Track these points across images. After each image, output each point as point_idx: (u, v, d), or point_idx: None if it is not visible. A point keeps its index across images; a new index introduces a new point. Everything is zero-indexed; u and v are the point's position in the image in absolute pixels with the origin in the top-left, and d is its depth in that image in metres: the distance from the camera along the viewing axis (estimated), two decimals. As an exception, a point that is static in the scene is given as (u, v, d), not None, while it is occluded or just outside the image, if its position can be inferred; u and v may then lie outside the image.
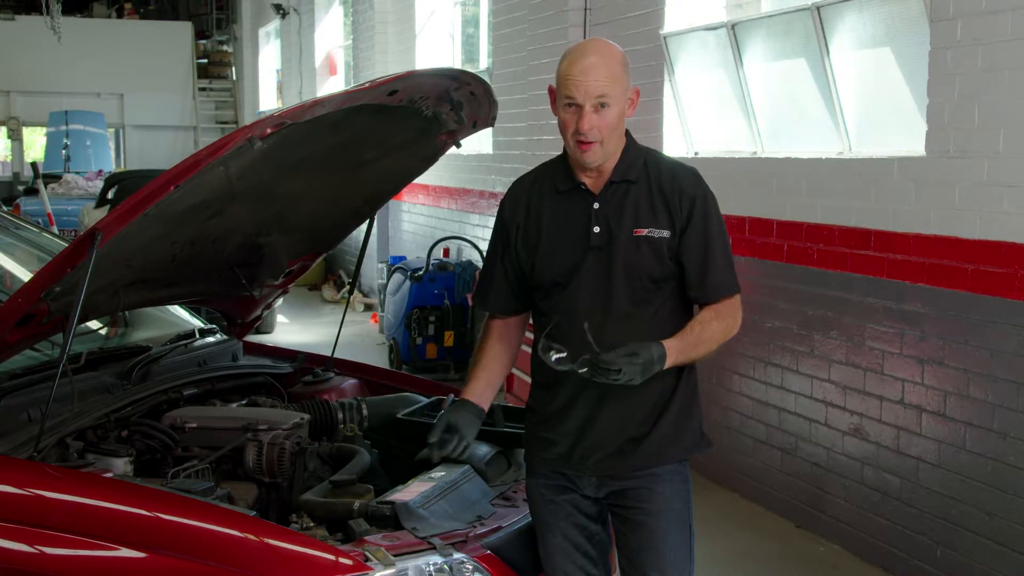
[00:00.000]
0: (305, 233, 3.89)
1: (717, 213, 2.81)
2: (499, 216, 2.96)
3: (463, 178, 10.07)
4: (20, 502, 2.71)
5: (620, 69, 2.71)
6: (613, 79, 2.67)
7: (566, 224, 2.80)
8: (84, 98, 21.46)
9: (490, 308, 2.98)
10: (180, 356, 3.83)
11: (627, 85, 2.73)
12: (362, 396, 4.00)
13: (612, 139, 2.73)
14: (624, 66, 2.73)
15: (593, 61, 2.68)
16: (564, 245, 2.80)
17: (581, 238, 2.77)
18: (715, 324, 2.73)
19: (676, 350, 2.63)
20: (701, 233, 2.75)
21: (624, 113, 2.74)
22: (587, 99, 2.67)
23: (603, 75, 2.67)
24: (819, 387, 5.29)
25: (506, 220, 2.92)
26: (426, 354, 8.94)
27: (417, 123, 3.47)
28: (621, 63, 2.72)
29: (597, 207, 2.78)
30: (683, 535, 2.84)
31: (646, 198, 2.76)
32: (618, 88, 2.68)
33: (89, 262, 2.74)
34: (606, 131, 2.70)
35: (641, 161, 2.80)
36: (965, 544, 4.43)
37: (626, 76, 2.72)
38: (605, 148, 2.73)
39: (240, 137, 2.79)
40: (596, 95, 2.66)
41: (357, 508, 2.88)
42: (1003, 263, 4.20)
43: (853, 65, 5.36)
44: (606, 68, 2.68)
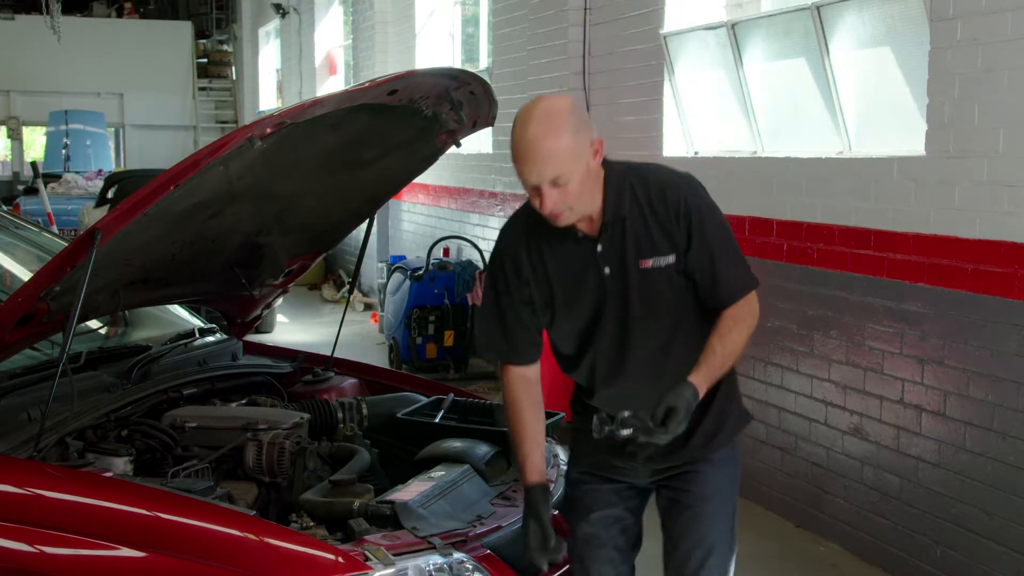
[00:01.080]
0: (305, 233, 3.90)
1: (715, 217, 2.74)
2: (499, 266, 2.83)
3: (463, 178, 10.07)
4: (20, 501, 2.72)
5: (568, 140, 2.52)
6: (563, 157, 2.52)
7: (576, 272, 2.73)
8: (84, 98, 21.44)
9: (514, 360, 2.84)
10: (180, 356, 3.84)
11: (582, 147, 2.56)
12: (362, 396, 4.01)
13: (584, 198, 2.62)
14: (574, 130, 2.54)
15: (537, 145, 2.52)
16: (580, 294, 2.75)
17: (595, 284, 2.72)
18: (734, 334, 2.70)
19: (704, 380, 2.62)
20: (704, 246, 2.69)
21: (589, 170, 2.59)
22: (541, 181, 2.55)
23: (549, 160, 2.52)
24: (819, 387, 5.29)
25: (508, 271, 2.81)
26: (426, 354, 8.94)
27: (417, 123, 3.48)
28: (570, 130, 2.53)
29: (601, 250, 2.70)
30: (728, 519, 2.87)
31: (643, 228, 2.68)
32: (570, 162, 2.53)
33: (89, 262, 2.74)
34: (572, 199, 2.59)
35: (627, 191, 2.68)
36: (965, 544, 4.43)
37: (579, 138, 2.55)
38: (578, 209, 2.63)
39: (240, 137, 2.79)
40: (549, 178, 2.54)
41: (357, 508, 2.89)
42: (1003, 263, 4.20)
43: (853, 65, 5.36)
44: (552, 149, 2.51)
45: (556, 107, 2.58)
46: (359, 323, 11.33)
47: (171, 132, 22.71)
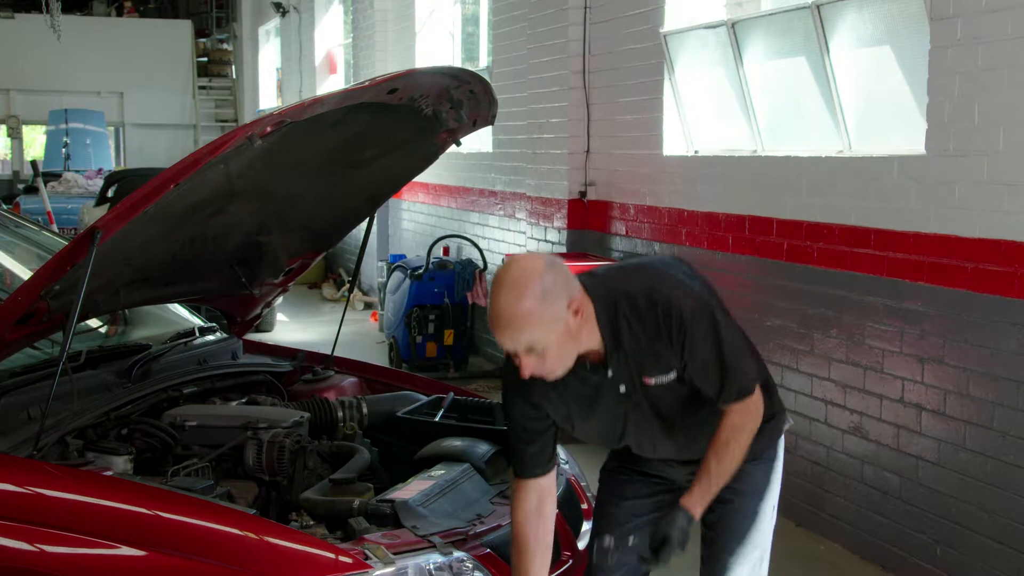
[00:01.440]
0: (305, 231, 3.90)
1: (707, 325, 2.63)
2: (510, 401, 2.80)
3: (463, 176, 10.07)
4: (20, 500, 2.72)
5: (537, 309, 2.45)
6: (533, 327, 2.46)
7: (592, 395, 2.73)
8: (84, 96, 21.45)
9: (525, 475, 2.79)
10: (180, 354, 3.84)
11: (555, 313, 2.48)
12: (362, 394, 4.01)
13: (572, 354, 2.58)
14: (544, 297, 2.46)
15: (505, 315, 2.47)
16: (600, 411, 2.76)
17: (614, 401, 2.72)
18: (732, 446, 2.68)
19: (698, 502, 2.67)
20: (698, 361, 2.64)
21: (569, 329, 2.53)
22: (515, 349, 2.52)
23: (520, 330, 2.47)
24: (819, 385, 5.29)
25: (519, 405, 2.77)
26: (426, 352, 8.94)
27: (417, 122, 3.48)
28: (539, 298, 2.45)
29: (612, 375, 2.68)
30: (764, 518, 2.93)
31: (643, 349, 2.64)
32: (541, 331, 2.47)
33: (89, 260, 2.74)
34: (552, 362, 2.55)
35: (622, 321, 2.62)
36: (965, 542, 4.43)
37: (551, 305, 2.47)
38: (567, 362, 2.59)
39: (240, 135, 2.79)
40: (522, 347, 2.51)
41: (357, 506, 2.89)
42: (1003, 262, 4.20)
43: (853, 63, 5.36)
44: (521, 319, 2.45)
45: (526, 273, 2.49)
46: (359, 322, 11.33)
47: (171, 131, 22.70)
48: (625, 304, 2.63)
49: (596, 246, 7.47)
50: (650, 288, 2.64)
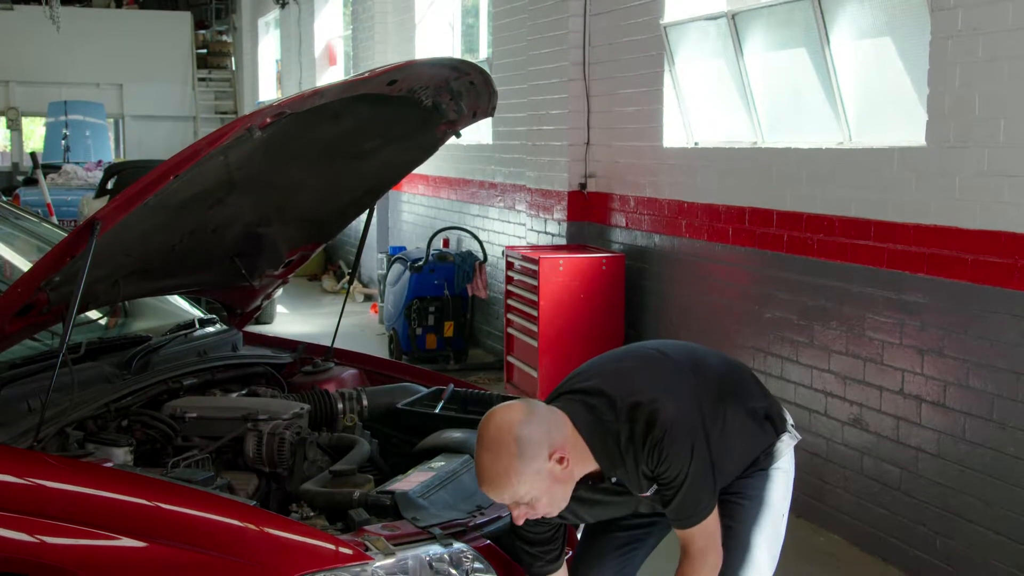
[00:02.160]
0: (305, 223, 3.89)
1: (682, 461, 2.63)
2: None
3: (463, 168, 10.06)
4: (20, 491, 2.71)
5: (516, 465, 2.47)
6: (516, 485, 2.49)
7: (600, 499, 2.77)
8: (83, 88, 21.44)
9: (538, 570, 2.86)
10: (180, 346, 3.83)
11: (537, 469, 2.50)
12: (362, 386, 4.00)
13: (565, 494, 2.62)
14: (524, 455, 2.47)
15: (487, 475, 2.51)
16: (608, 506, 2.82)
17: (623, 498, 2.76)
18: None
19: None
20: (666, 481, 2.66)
21: (555, 477, 2.55)
22: (504, 502, 2.57)
23: (503, 489, 2.51)
24: (819, 377, 5.29)
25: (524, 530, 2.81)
26: (426, 344, 8.95)
27: (417, 113, 3.47)
28: (518, 456, 2.47)
29: (615, 480, 2.72)
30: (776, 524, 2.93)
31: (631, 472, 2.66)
32: (524, 486, 2.50)
33: (89, 252, 2.74)
34: (547, 506, 2.59)
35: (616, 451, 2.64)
36: (964, 534, 4.43)
37: (531, 462, 2.48)
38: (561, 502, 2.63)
39: (239, 127, 2.78)
40: (508, 502, 2.56)
41: (357, 498, 2.89)
42: (1003, 253, 4.19)
43: (853, 55, 5.35)
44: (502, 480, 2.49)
45: (501, 432, 2.50)
46: (359, 314, 11.33)
47: (171, 123, 22.70)
48: (613, 432, 2.63)
49: (596, 238, 7.47)
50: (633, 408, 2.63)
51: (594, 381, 2.76)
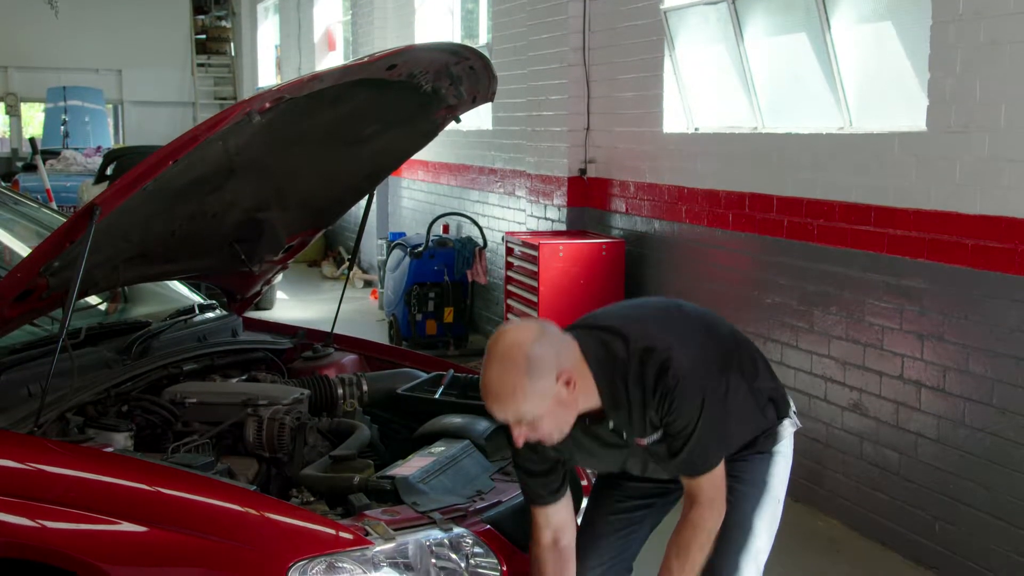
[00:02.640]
0: (304, 209, 3.89)
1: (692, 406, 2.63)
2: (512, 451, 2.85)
3: (463, 154, 10.05)
4: (21, 476, 2.72)
5: (524, 384, 2.47)
6: (521, 401, 2.49)
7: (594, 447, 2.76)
8: (82, 74, 21.39)
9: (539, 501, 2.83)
10: (180, 331, 3.84)
11: (544, 388, 2.50)
12: (362, 372, 4.01)
13: (568, 421, 2.60)
14: (532, 371, 2.47)
15: (493, 389, 2.51)
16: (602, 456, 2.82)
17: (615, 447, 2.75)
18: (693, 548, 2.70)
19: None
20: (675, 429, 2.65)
21: (561, 400, 2.54)
22: (506, 420, 2.56)
23: (507, 404, 2.51)
24: (819, 363, 5.30)
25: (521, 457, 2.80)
26: (426, 330, 8.95)
27: (416, 98, 3.46)
28: (527, 372, 2.47)
29: (613, 426, 2.70)
30: (773, 509, 2.93)
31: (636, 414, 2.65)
32: (530, 404, 2.50)
33: (88, 236, 2.73)
34: (549, 430, 2.58)
35: (620, 387, 2.63)
36: (964, 519, 4.44)
37: (539, 380, 2.48)
38: (565, 431, 2.61)
39: (239, 111, 2.78)
40: (511, 420, 2.54)
41: (357, 483, 2.89)
42: (1003, 238, 4.19)
43: (854, 40, 5.34)
44: (508, 394, 2.49)
45: (512, 348, 2.50)
46: (359, 300, 11.33)
47: (170, 108, 22.65)
48: (622, 369, 2.62)
49: (596, 223, 7.47)
50: (646, 351, 2.63)
51: (610, 321, 2.77)
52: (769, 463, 2.92)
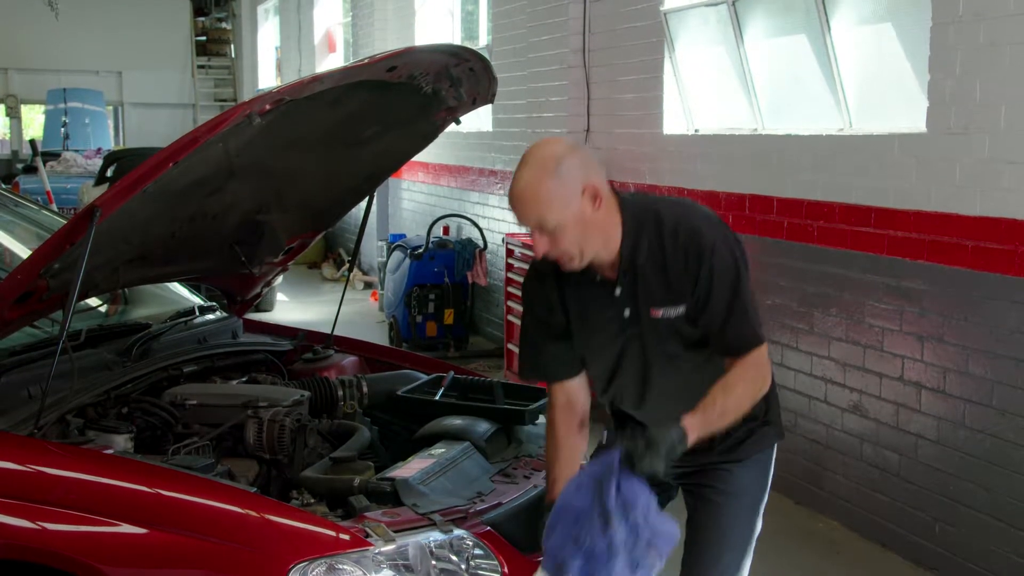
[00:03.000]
0: (304, 211, 3.89)
1: (728, 263, 2.63)
2: (527, 297, 2.88)
3: (463, 156, 10.05)
4: (21, 478, 2.72)
5: (551, 187, 2.49)
6: (544, 204, 2.49)
7: (596, 315, 2.72)
8: (82, 76, 21.39)
9: (551, 377, 2.83)
10: (180, 333, 3.84)
11: (569, 194, 2.51)
12: (362, 373, 4.01)
13: (589, 244, 2.58)
14: (560, 177, 2.49)
15: (520, 191, 2.52)
16: (600, 335, 2.75)
17: (617, 326, 2.70)
18: (739, 388, 2.60)
19: (698, 426, 2.52)
20: (712, 295, 2.61)
21: (585, 216, 2.53)
22: (529, 225, 2.56)
23: (531, 206, 2.51)
24: (819, 364, 5.30)
25: (536, 302, 2.82)
26: (426, 332, 8.95)
27: (416, 100, 3.46)
28: (555, 176, 2.49)
29: (619, 294, 2.67)
30: (751, 521, 2.88)
31: (657, 277, 2.62)
32: (553, 209, 2.50)
33: (88, 238, 2.73)
34: (571, 246, 2.56)
35: (644, 239, 2.62)
36: (964, 520, 4.44)
37: (565, 185, 2.50)
38: (586, 256, 2.59)
39: (239, 113, 2.78)
40: (532, 223, 2.54)
41: (357, 484, 2.89)
42: (1003, 240, 4.19)
43: (854, 41, 5.34)
44: (533, 195, 2.50)
45: (547, 154, 2.54)
46: (359, 301, 11.33)
47: (170, 110, 22.65)
48: (653, 223, 2.63)
49: (596, 225, 7.45)
50: (681, 215, 2.65)
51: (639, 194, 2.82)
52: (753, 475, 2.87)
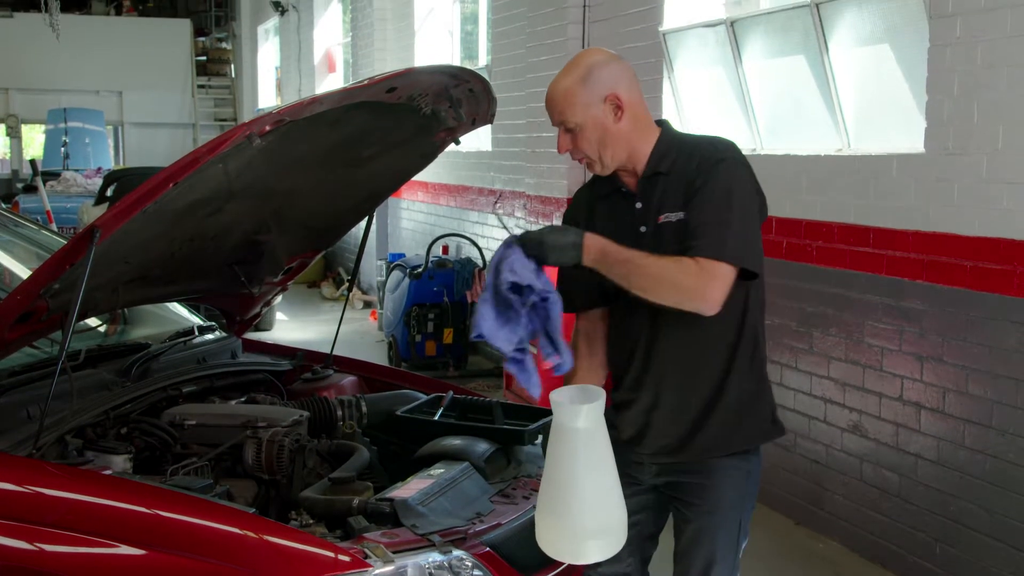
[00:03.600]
0: (304, 230, 3.89)
1: (733, 178, 2.66)
2: (566, 216, 3.01)
3: (462, 175, 10.07)
4: (19, 499, 2.71)
5: (573, 87, 2.68)
6: (565, 102, 2.69)
7: (617, 228, 2.76)
8: (83, 95, 21.46)
9: (575, 307, 2.91)
10: (179, 353, 3.84)
11: (590, 97, 2.68)
12: (361, 393, 4.00)
13: (608, 151, 2.72)
14: (585, 80, 2.68)
15: (550, 89, 2.73)
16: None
17: (633, 241, 2.71)
18: (664, 265, 2.57)
19: (597, 248, 2.59)
20: (702, 193, 2.64)
21: (605, 123, 2.69)
22: (554, 123, 2.75)
23: (554, 102, 2.72)
24: (818, 384, 5.29)
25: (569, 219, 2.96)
26: (425, 351, 8.94)
27: (416, 120, 3.47)
28: (580, 79, 2.68)
29: (640, 206, 2.76)
30: (732, 534, 2.85)
31: (674, 186, 2.71)
32: (574, 109, 2.69)
33: (88, 259, 2.73)
34: (589, 147, 2.72)
35: (673, 151, 2.74)
36: (964, 541, 4.43)
37: (588, 88, 2.68)
38: (606, 161, 2.74)
39: (239, 134, 2.78)
40: (557, 121, 2.73)
41: (356, 505, 2.89)
42: (1002, 260, 4.20)
43: (852, 62, 5.36)
44: (558, 95, 2.71)
45: (585, 60, 2.73)
46: (358, 321, 11.33)
47: (170, 130, 22.72)
48: (681, 143, 2.77)
49: (595, 245, 7.46)
50: (711, 139, 2.79)
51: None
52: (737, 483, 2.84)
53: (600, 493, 2.62)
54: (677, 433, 2.80)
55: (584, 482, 2.59)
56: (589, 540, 2.62)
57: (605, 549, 2.65)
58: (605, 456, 2.63)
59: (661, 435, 2.83)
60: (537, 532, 2.69)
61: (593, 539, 2.63)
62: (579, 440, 2.58)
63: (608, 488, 2.64)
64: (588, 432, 2.59)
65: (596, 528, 2.62)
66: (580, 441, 2.58)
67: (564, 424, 2.59)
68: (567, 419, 2.59)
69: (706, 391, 2.78)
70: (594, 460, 2.60)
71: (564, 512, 2.60)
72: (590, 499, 2.60)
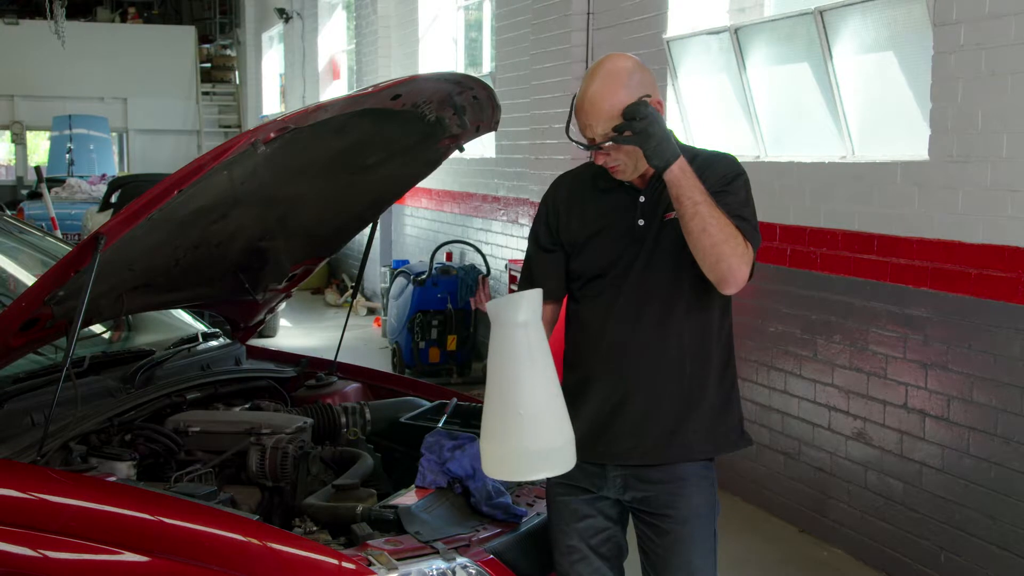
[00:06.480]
0: (308, 237, 3.90)
1: (742, 186, 2.84)
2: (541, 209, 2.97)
3: (466, 182, 10.07)
4: (24, 506, 2.72)
5: (624, 98, 2.63)
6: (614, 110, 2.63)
7: (613, 219, 2.79)
8: (88, 102, 21.51)
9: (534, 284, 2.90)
10: (183, 360, 3.84)
11: None
12: (365, 400, 4.00)
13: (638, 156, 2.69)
14: (631, 89, 2.65)
15: (591, 96, 2.67)
16: (610, 239, 2.80)
17: (627, 232, 2.77)
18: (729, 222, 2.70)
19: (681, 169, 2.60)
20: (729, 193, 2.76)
21: None
22: (595, 136, 2.68)
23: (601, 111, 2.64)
24: (822, 391, 5.29)
25: (548, 213, 2.93)
26: (429, 358, 8.94)
27: (420, 127, 3.47)
28: (626, 88, 2.64)
29: (643, 200, 2.78)
30: (709, 542, 2.84)
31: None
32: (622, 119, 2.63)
33: (93, 266, 2.74)
34: (628, 155, 2.69)
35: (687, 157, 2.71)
36: (968, 548, 4.42)
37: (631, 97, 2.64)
38: (639, 166, 2.72)
39: (244, 141, 2.79)
40: (601, 133, 2.66)
41: (360, 512, 2.88)
42: (1006, 267, 4.19)
43: (856, 69, 5.36)
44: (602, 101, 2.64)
45: (619, 67, 2.70)
46: (362, 327, 11.33)
47: (174, 137, 22.76)
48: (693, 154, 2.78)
49: (599, 252, 7.46)
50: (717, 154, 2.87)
51: None
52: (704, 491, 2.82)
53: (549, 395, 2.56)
54: (652, 436, 2.76)
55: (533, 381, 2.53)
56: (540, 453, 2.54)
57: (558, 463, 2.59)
58: (547, 353, 2.59)
59: (629, 436, 2.77)
60: (482, 452, 2.62)
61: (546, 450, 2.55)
62: (520, 336, 2.53)
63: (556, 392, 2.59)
64: (530, 326, 2.54)
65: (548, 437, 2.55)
66: (521, 337, 2.53)
67: (506, 321, 2.54)
68: (509, 314, 2.54)
69: (683, 396, 2.77)
70: (538, 356, 2.55)
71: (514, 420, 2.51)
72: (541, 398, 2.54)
